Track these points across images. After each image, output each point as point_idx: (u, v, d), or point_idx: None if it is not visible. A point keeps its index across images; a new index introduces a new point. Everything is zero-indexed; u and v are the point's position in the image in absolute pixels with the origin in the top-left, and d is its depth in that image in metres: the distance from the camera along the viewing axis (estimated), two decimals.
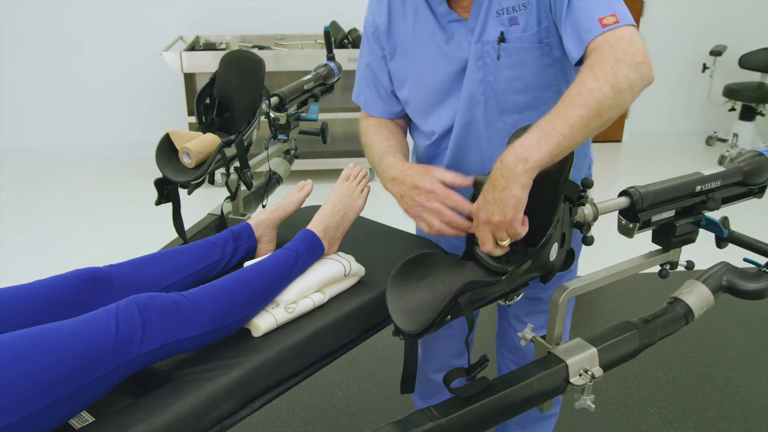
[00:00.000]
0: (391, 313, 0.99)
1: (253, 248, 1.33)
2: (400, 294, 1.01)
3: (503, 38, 1.15)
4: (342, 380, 2.28)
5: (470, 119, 1.24)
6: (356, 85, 1.41)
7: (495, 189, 0.96)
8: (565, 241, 1.04)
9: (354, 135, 4.36)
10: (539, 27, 1.14)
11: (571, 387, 1.06)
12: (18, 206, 3.72)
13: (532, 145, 0.95)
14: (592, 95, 0.97)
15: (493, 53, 1.16)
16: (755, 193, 1.31)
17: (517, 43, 1.15)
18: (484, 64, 1.18)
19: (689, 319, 1.19)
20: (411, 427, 0.92)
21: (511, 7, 1.14)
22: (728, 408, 2.16)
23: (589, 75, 0.98)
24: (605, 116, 0.98)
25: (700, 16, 4.72)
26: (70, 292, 1.04)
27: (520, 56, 1.16)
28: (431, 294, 1.01)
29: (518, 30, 1.14)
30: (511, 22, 1.14)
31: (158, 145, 1.42)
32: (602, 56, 1.00)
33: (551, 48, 1.16)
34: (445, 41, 1.21)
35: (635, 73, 1.00)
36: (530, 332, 1.16)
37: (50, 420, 0.86)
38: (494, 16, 1.15)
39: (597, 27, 1.04)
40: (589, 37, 1.04)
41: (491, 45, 1.16)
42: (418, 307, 0.99)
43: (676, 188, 1.19)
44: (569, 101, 0.98)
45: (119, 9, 4.22)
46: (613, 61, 0.99)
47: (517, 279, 0.99)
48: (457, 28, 1.20)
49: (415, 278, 1.04)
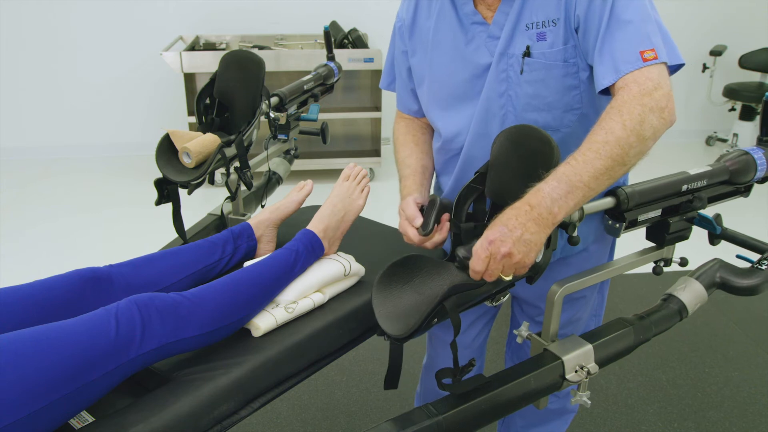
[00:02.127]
0: (378, 317, 0.99)
1: (253, 248, 1.33)
2: (386, 298, 1.01)
3: (528, 53, 1.12)
4: (342, 380, 2.28)
5: (485, 132, 1.21)
6: (385, 74, 1.42)
7: (526, 231, 0.94)
8: (551, 242, 1.04)
9: (354, 135, 4.36)
10: (565, 45, 1.11)
11: (567, 383, 1.06)
12: (18, 206, 3.72)
13: (560, 198, 0.96)
14: (619, 145, 0.97)
15: (516, 67, 1.14)
16: (742, 192, 1.31)
17: (541, 59, 1.12)
18: (507, 77, 1.15)
19: (683, 316, 1.19)
20: (409, 424, 0.93)
21: (540, 22, 1.11)
22: (728, 408, 2.16)
23: (618, 122, 0.99)
24: (629, 164, 1.00)
25: (700, 16, 4.72)
26: (70, 292, 1.04)
27: (542, 73, 1.13)
28: (417, 297, 1.01)
29: (544, 46, 1.11)
30: (539, 37, 1.12)
31: (158, 145, 1.42)
32: (630, 101, 1.00)
33: (577, 69, 1.12)
34: (465, 43, 1.19)
35: (659, 120, 1.01)
36: (526, 330, 1.16)
37: (50, 420, 0.86)
38: (523, 29, 1.12)
39: (637, 60, 1.03)
40: (627, 68, 1.03)
41: (516, 58, 1.14)
42: (404, 311, 0.99)
43: (663, 188, 1.19)
44: (596, 150, 0.98)
45: (119, 9, 4.22)
46: (640, 107, 0.99)
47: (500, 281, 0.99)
48: (479, 32, 1.18)
49: (401, 282, 1.04)
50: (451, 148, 1.29)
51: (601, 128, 0.99)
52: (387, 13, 4.39)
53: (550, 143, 1.02)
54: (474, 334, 1.51)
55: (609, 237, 1.39)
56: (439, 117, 1.28)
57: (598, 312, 1.47)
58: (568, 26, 1.10)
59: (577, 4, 1.07)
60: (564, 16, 1.09)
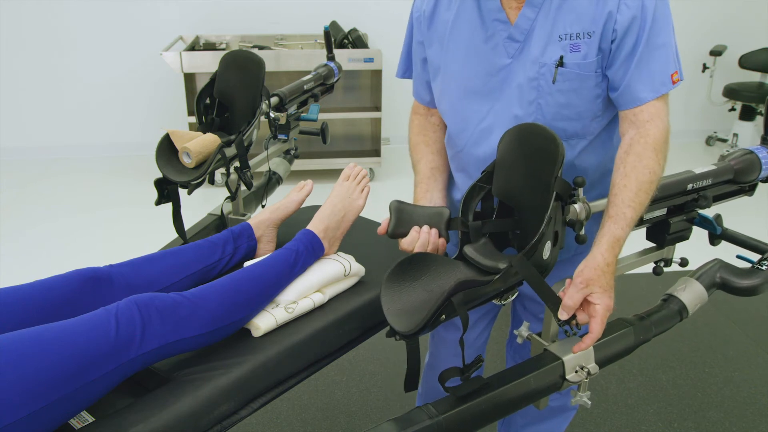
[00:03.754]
0: (386, 314, 0.99)
1: (253, 248, 1.33)
2: (394, 295, 1.01)
3: (562, 62, 1.13)
4: (342, 380, 2.28)
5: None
6: (401, 62, 1.41)
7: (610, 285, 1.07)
8: (558, 240, 1.04)
9: (354, 135, 4.36)
10: (598, 56, 1.13)
11: (567, 384, 1.06)
12: (18, 206, 3.72)
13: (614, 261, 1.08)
14: (656, 182, 1.11)
15: (549, 76, 1.14)
16: (746, 191, 1.31)
17: (575, 69, 1.13)
18: (538, 86, 1.15)
19: (683, 316, 1.19)
20: (410, 425, 0.92)
21: (575, 34, 1.12)
22: (728, 408, 2.16)
23: (654, 160, 1.10)
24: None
25: (700, 16, 4.71)
26: (70, 292, 1.04)
27: (575, 83, 1.14)
28: (426, 294, 1.01)
29: (578, 57, 1.12)
30: (573, 48, 1.12)
31: (158, 145, 1.42)
32: (658, 135, 1.12)
33: (602, 78, 1.15)
34: (484, 40, 1.19)
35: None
36: (526, 330, 1.16)
37: (50, 420, 0.86)
38: (555, 39, 1.13)
39: (669, 82, 1.12)
40: (663, 89, 1.12)
41: (548, 68, 1.14)
42: (412, 308, 0.99)
43: (668, 187, 1.19)
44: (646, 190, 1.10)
45: (119, 9, 4.22)
46: (663, 143, 1.12)
47: (510, 278, 0.99)
48: (499, 30, 1.17)
49: (410, 279, 1.04)
50: (456, 143, 1.29)
51: (645, 168, 1.10)
52: (387, 13, 4.40)
53: (555, 141, 1.02)
54: (477, 332, 1.51)
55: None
56: (448, 111, 1.29)
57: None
58: (604, 39, 1.12)
59: (617, 20, 1.09)
60: (601, 30, 1.11)
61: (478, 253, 1.09)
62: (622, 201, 1.08)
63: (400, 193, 1.41)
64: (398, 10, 4.33)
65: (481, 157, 1.24)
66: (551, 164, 1.02)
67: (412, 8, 1.32)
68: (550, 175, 1.02)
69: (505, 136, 1.13)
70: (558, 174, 1.02)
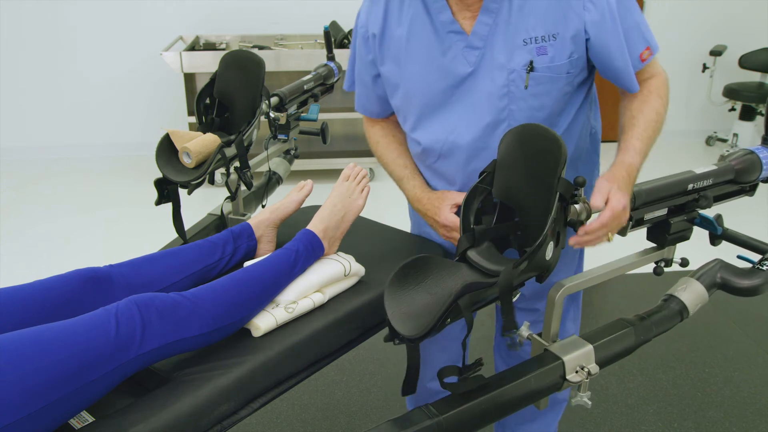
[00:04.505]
0: (390, 318, 0.98)
1: (253, 248, 1.33)
2: (398, 299, 1.01)
3: (532, 67, 1.14)
4: (342, 380, 2.28)
5: (485, 146, 1.23)
6: (348, 75, 1.43)
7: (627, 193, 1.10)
8: (560, 240, 1.04)
9: (354, 135, 4.36)
10: (570, 59, 1.14)
11: (568, 384, 1.06)
12: (18, 206, 3.72)
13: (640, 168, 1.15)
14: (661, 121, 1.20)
15: (520, 82, 1.15)
16: (747, 191, 1.31)
17: (546, 72, 1.14)
18: (509, 92, 1.16)
19: (684, 316, 1.19)
20: (409, 425, 0.92)
21: (540, 37, 1.13)
22: (728, 408, 2.16)
23: (659, 102, 1.21)
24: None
25: (700, 16, 4.72)
26: (70, 292, 1.04)
27: (547, 86, 1.16)
28: (430, 297, 1.01)
29: (546, 60, 1.13)
30: (539, 51, 1.13)
31: (158, 145, 1.42)
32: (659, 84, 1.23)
33: (574, 77, 1.18)
34: (441, 53, 1.19)
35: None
36: (527, 330, 1.16)
37: (50, 420, 0.86)
38: (520, 44, 1.13)
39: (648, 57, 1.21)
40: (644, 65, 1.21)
41: (518, 74, 1.14)
42: (417, 312, 0.99)
43: (669, 187, 1.19)
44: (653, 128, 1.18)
45: (119, 9, 4.22)
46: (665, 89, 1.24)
47: (513, 279, 0.99)
48: (455, 41, 1.17)
49: (413, 282, 1.03)
50: (428, 156, 1.30)
51: (650, 108, 1.19)
52: None
53: (557, 141, 1.02)
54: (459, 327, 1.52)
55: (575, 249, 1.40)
56: (416, 126, 1.28)
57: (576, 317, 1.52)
58: (576, 39, 1.13)
59: (586, 19, 1.12)
60: (568, 31, 1.12)
61: (482, 257, 1.09)
62: (632, 136, 1.16)
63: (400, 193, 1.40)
64: None
65: (457, 166, 1.26)
66: (554, 165, 1.02)
67: (356, 26, 1.31)
68: (552, 176, 1.02)
69: (506, 137, 1.13)
70: (561, 174, 1.02)
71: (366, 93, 1.37)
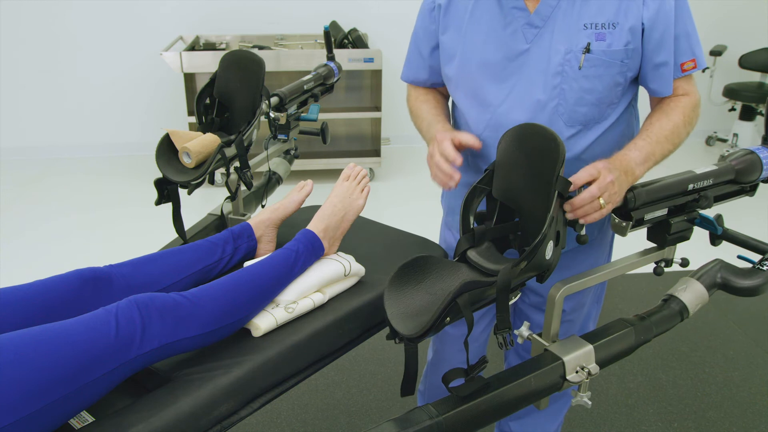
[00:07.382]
0: (390, 318, 0.98)
1: (253, 248, 1.33)
2: (398, 298, 1.01)
3: (589, 49, 1.17)
4: (342, 380, 2.28)
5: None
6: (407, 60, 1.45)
7: (626, 174, 1.13)
8: (560, 240, 1.04)
9: (354, 135, 4.36)
10: (626, 47, 1.17)
11: (568, 384, 1.06)
12: (18, 206, 3.72)
13: (640, 165, 1.16)
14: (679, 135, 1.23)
15: (575, 62, 1.18)
16: (747, 191, 1.31)
17: (602, 56, 1.17)
18: (563, 71, 1.19)
19: (684, 316, 1.19)
20: (410, 425, 0.92)
21: (600, 24, 1.17)
22: (728, 408, 2.16)
23: (680, 119, 1.23)
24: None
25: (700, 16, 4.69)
26: (70, 292, 1.04)
27: (600, 69, 1.18)
28: (429, 297, 1.01)
29: (603, 45, 1.17)
30: (598, 37, 1.17)
31: (158, 145, 1.42)
32: (686, 103, 1.25)
33: (627, 69, 1.20)
34: (502, 26, 1.22)
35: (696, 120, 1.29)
36: (527, 330, 1.16)
37: (50, 420, 0.86)
38: (581, 28, 1.17)
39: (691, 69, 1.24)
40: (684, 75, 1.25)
41: (574, 54, 1.18)
42: (417, 311, 0.99)
43: (669, 187, 1.19)
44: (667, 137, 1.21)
45: (119, 9, 4.22)
46: (691, 110, 1.25)
47: (513, 279, 0.99)
48: (517, 17, 1.21)
49: (413, 282, 1.03)
50: (475, 126, 1.31)
51: (669, 121, 1.22)
52: (387, 14, 4.40)
53: (555, 140, 1.03)
54: (481, 328, 1.53)
55: (607, 238, 1.40)
56: (467, 95, 1.30)
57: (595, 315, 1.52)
58: (633, 31, 1.17)
59: (644, 14, 1.17)
60: (628, 22, 1.16)
61: (482, 257, 1.09)
62: (638, 137, 1.20)
63: (400, 193, 1.41)
64: (398, 10, 4.33)
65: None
66: (552, 163, 1.02)
67: (423, 2, 1.35)
68: (551, 175, 1.02)
69: (505, 137, 1.13)
70: (559, 173, 1.02)
71: (421, 63, 1.40)
